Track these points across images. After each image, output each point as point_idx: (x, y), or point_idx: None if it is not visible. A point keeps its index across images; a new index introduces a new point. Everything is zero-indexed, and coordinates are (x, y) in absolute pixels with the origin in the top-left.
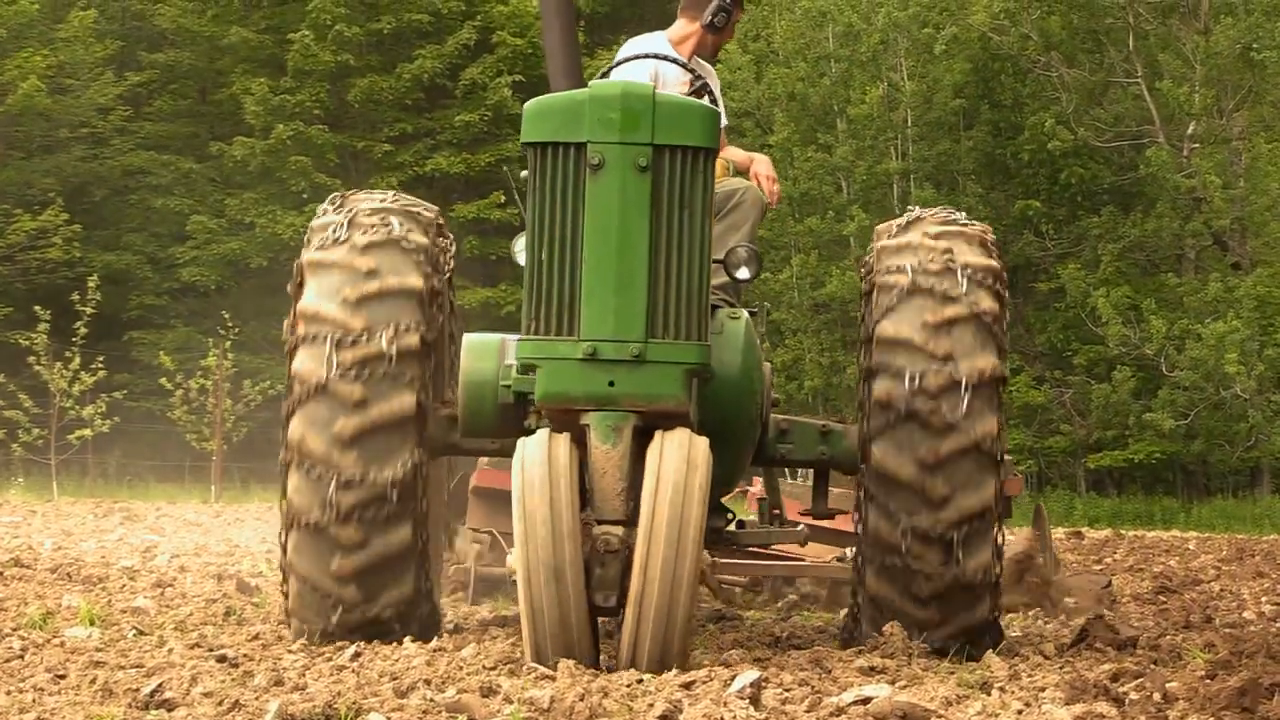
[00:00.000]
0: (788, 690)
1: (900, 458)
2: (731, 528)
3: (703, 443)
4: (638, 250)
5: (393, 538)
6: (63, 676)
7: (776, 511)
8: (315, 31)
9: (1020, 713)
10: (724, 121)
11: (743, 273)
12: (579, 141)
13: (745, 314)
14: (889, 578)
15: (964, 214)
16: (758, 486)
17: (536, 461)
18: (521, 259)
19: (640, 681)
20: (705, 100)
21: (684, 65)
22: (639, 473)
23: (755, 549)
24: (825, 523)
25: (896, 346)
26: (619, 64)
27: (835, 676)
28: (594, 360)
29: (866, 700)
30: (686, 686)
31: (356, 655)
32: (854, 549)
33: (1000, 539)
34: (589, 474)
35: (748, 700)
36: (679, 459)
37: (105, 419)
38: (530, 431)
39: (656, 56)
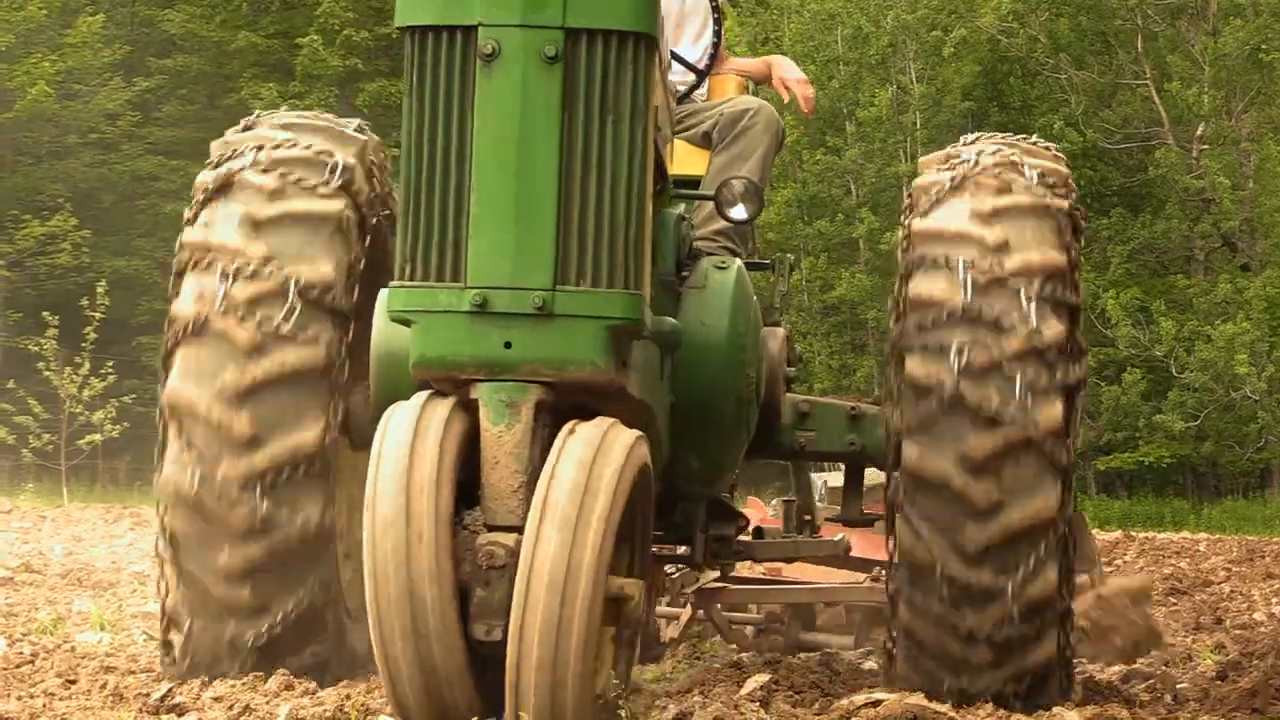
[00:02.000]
0: (799, 693)
1: (938, 456)
2: (746, 536)
3: (625, 430)
4: (543, 168)
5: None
6: (73, 682)
7: (808, 517)
8: (324, 36)
9: (1032, 714)
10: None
11: (738, 211)
12: (467, 25)
13: (738, 264)
14: (925, 608)
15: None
16: (759, 510)
17: (396, 440)
18: None
19: None
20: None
21: None
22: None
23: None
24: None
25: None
26: None
27: (845, 679)
28: (484, 314)
29: (877, 703)
30: (701, 692)
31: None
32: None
33: (1071, 554)
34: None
35: (758, 703)
36: (583, 445)
37: (115, 424)
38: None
39: None
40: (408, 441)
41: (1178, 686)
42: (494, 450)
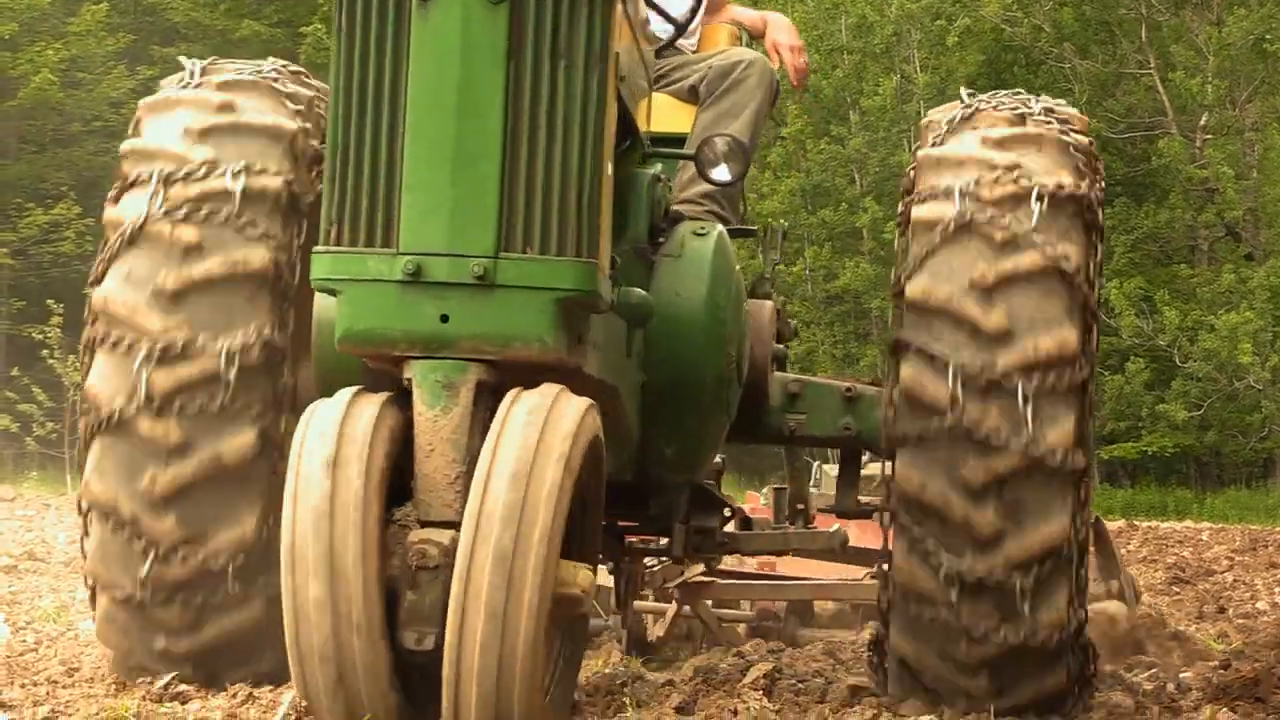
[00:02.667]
0: (802, 680)
1: (936, 475)
2: (732, 528)
3: (576, 405)
4: (486, 120)
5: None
6: (76, 669)
7: (801, 506)
8: (327, 24)
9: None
10: None
11: (720, 172)
12: None
13: (718, 231)
14: (923, 636)
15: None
16: (755, 504)
17: (321, 430)
18: None
19: None
20: None
21: None
22: None
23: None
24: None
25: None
26: None
27: (849, 666)
28: (418, 283)
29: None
30: (704, 679)
31: None
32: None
33: (1084, 575)
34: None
35: (761, 692)
36: (527, 427)
37: None
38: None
39: None
40: (333, 432)
41: (1181, 676)
42: (429, 436)
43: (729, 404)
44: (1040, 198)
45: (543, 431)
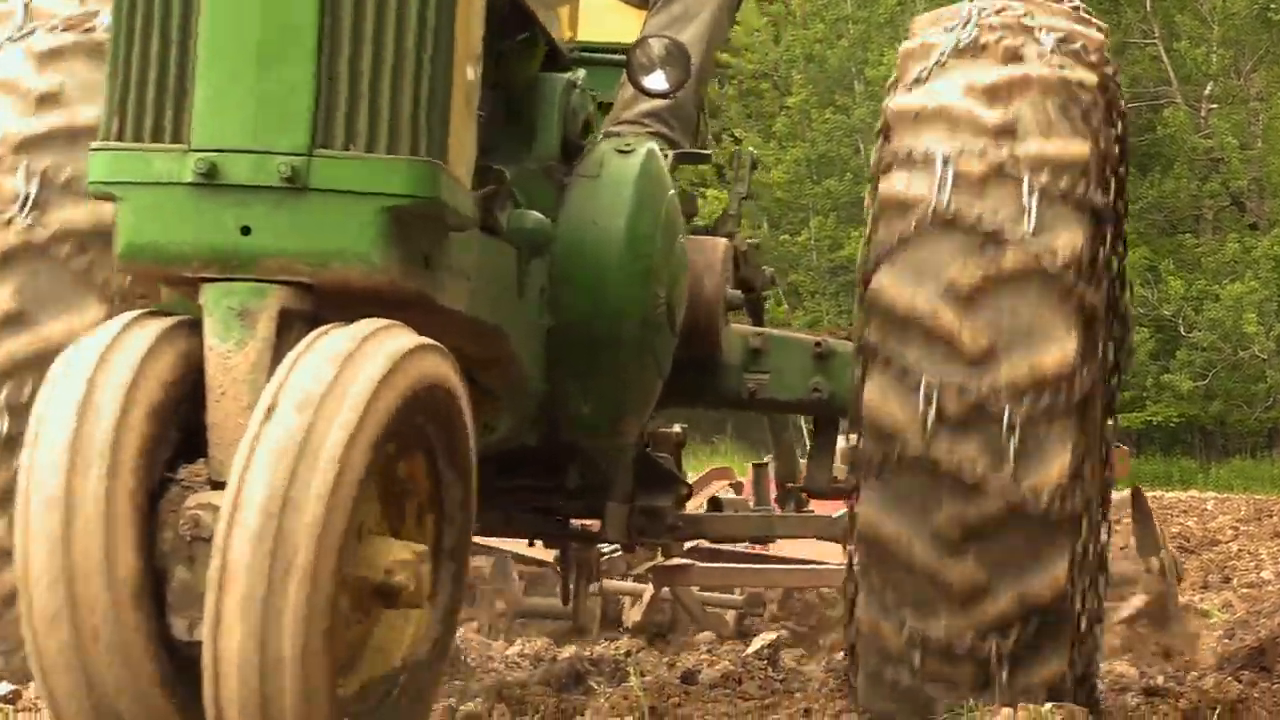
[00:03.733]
0: (806, 650)
1: (900, 515)
2: (699, 508)
3: (395, 344)
4: None
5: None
6: None
7: (790, 485)
8: None
9: None
10: None
11: (655, 80)
12: None
13: (648, 148)
14: (888, 698)
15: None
16: (713, 484)
17: (66, 375)
18: None
19: None
20: None
21: None
22: None
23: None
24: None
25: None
26: None
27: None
28: (212, 186)
29: None
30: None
31: None
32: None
33: (1091, 609)
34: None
35: (765, 660)
36: (320, 367)
37: None
38: None
39: None
40: (83, 374)
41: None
42: (220, 377)
43: (658, 355)
44: (1035, 171)
45: (339, 373)
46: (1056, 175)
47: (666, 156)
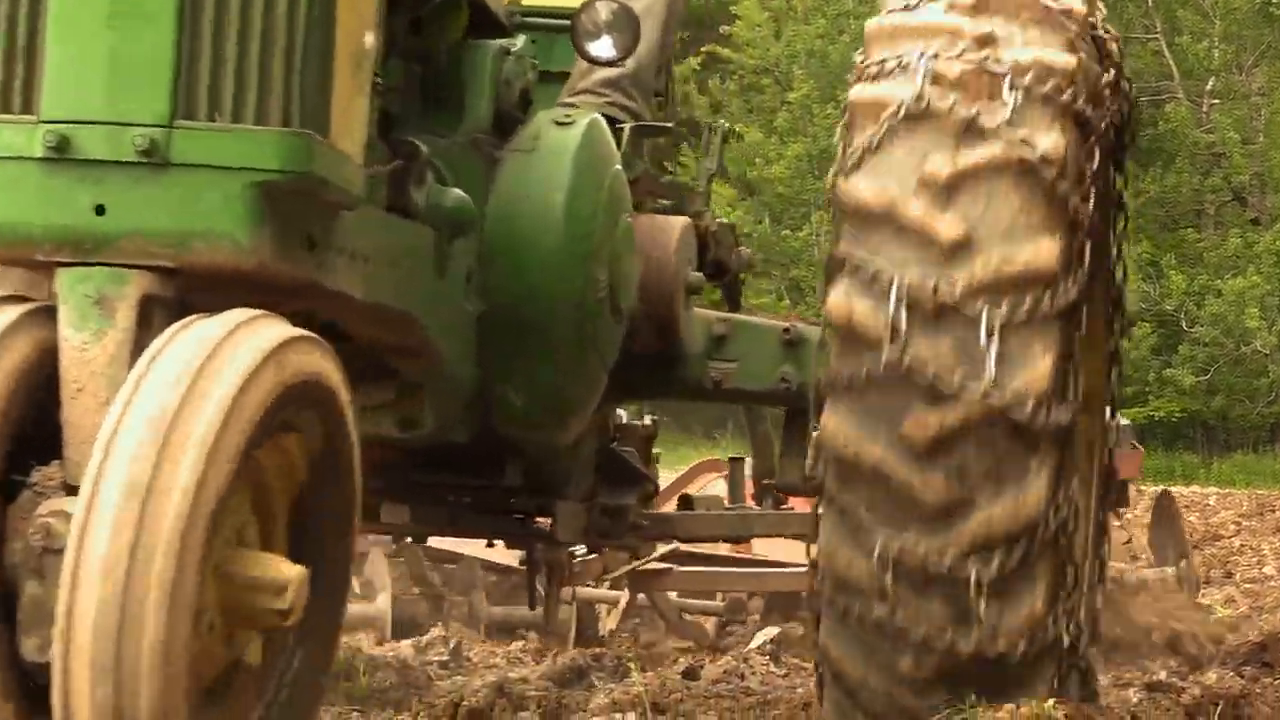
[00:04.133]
0: (807, 647)
1: (871, 428)
2: (672, 508)
3: (266, 336)
4: None
5: None
6: None
7: (767, 482)
8: None
9: None
10: None
11: (600, 46)
12: None
13: (590, 120)
14: (855, 641)
15: None
16: (701, 477)
17: None
18: None
19: None
20: None
21: None
22: None
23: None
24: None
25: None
26: None
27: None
28: (63, 161)
29: None
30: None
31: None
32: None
33: (1078, 567)
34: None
35: (767, 657)
36: (181, 362)
37: None
38: None
39: None
40: None
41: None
42: (76, 371)
43: (599, 343)
44: (1019, 72)
45: (203, 366)
46: (1040, 79)
47: (623, 128)
